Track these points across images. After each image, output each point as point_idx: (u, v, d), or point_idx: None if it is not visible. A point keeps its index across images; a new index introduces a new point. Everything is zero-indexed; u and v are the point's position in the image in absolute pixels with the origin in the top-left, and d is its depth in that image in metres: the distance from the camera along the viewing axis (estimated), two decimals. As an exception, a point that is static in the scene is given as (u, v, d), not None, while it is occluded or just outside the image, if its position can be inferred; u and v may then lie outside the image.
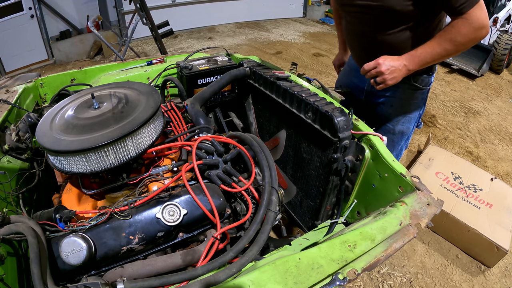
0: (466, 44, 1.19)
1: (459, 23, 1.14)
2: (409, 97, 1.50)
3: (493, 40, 4.97)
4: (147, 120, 1.01)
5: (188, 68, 1.65)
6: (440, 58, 1.23)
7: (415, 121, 1.59)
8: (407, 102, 1.52)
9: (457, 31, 1.15)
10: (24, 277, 0.89)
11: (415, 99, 1.51)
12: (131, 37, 4.34)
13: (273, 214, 0.97)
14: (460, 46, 1.19)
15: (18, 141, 1.21)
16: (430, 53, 1.21)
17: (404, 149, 1.69)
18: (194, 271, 0.82)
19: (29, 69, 5.31)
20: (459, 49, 1.20)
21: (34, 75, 1.69)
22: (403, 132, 1.59)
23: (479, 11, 1.12)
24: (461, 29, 1.14)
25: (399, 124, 1.57)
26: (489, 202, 2.28)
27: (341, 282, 0.71)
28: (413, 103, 1.52)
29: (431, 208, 0.92)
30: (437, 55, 1.22)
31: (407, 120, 1.56)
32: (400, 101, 1.52)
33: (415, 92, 1.49)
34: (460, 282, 2.04)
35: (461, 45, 1.18)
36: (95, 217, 0.91)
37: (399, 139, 1.61)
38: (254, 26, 7.23)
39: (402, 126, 1.57)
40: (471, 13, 1.11)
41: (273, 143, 1.61)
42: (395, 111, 1.55)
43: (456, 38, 1.16)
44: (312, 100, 1.23)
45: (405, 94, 1.49)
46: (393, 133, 1.59)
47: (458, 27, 1.15)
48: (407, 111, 1.54)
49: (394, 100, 1.53)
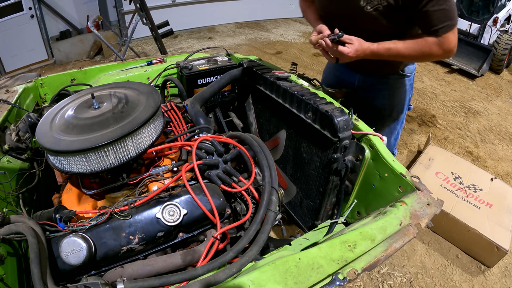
0: (429, 59, 1.31)
1: (432, 42, 1.22)
2: (399, 86, 1.61)
3: (493, 40, 4.97)
4: (147, 120, 1.01)
5: (188, 68, 1.65)
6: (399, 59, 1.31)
7: (407, 104, 1.70)
8: (398, 90, 1.62)
9: (429, 48, 1.23)
10: (24, 277, 0.89)
11: (405, 86, 1.62)
12: (131, 37, 4.34)
13: (273, 214, 0.97)
14: (423, 59, 1.31)
15: (18, 141, 1.21)
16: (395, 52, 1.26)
17: (400, 131, 1.82)
18: (194, 271, 0.82)
19: (29, 69, 5.30)
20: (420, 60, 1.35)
21: (34, 75, 1.69)
22: (399, 118, 1.70)
23: (452, 36, 1.19)
24: (432, 48, 1.22)
25: (394, 112, 1.67)
26: (489, 202, 2.28)
27: (341, 282, 0.71)
28: (403, 90, 1.63)
29: (431, 208, 0.92)
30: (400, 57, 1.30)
31: (401, 106, 1.67)
32: (392, 91, 1.61)
33: (404, 79, 1.60)
34: (460, 282, 2.04)
35: (425, 58, 1.30)
36: (95, 217, 0.91)
37: (396, 125, 1.73)
38: (254, 26, 7.23)
39: (397, 112, 1.68)
40: (445, 37, 1.19)
41: (273, 143, 1.61)
42: (389, 100, 1.64)
43: (424, 53, 1.24)
44: (312, 100, 1.23)
45: (396, 84, 1.60)
46: (391, 121, 1.70)
47: (430, 45, 1.22)
48: (400, 98, 1.64)
49: (386, 91, 1.62)
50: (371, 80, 1.61)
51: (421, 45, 1.23)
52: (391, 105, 1.65)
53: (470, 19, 5.28)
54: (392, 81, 1.58)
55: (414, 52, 1.25)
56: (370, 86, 1.62)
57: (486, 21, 5.02)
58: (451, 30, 1.18)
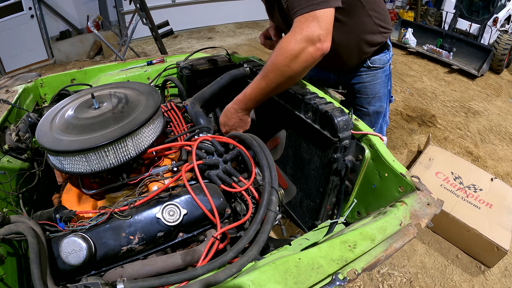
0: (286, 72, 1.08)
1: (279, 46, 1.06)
2: (372, 79, 1.58)
3: (493, 40, 4.98)
4: (147, 120, 1.01)
5: (188, 68, 1.65)
6: (268, 93, 1.15)
7: (386, 97, 1.67)
8: (372, 83, 1.59)
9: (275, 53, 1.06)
10: (24, 277, 0.89)
11: (379, 79, 1.58)
12: (131, 37, 4.34)
13: (273, 214, 0.97)
14: (281, 73, 1.08)
15: (18, 141, 1.21)
16: (257, 89, 1.13)
17: (385, 126, 1.77)
18: (194, 271, 0.82)
19: (29, 69, 5.31)
20: (282, 79, 1.09)
21: (34, 75, 1.69)
22: (378, 112, 1.67)
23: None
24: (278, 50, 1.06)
25: (371, 105, 1.64)
26: (489, 202, 2.28)
27: (341, 282, 0.71)
28: (378, 83, 1.59)
29: (431, 208, 0.92)
30: (262, 91, 1.14)
31: (377, 100, 1.64)
32: (365, 85, 1.59)
33: (377, 72, 1.56)
34: (460, 282, 2.04)
35: (281, 72, 1.08)
36: (95, 217, 0.91)
37: (376, 119, 1.69)
38: (254, 26, 7.23)
39: (374, 106, 1.65)
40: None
41: (273, 143, 1.61)
42: (363, 95, 1.62)
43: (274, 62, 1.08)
44: (312, 100, 1.23)
45: (368, 77, 1.57)
46: (369, 114, 1.67)
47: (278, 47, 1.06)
48: (375, 91, 1.61)
49: (360, 86, 1.60)
50: (345, 76, 1.62)
51: (270, 59, 1.06)
52: (367, 99, 1.64)
53: (470, 19, 5.29)
54: (365, 75, 1.57)
55: (272, 74, 1.07)
56: (345, 82, 1.62)
57: (486, 21, 5.03)
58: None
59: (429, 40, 5.51)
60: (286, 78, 1.08)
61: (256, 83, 1.14)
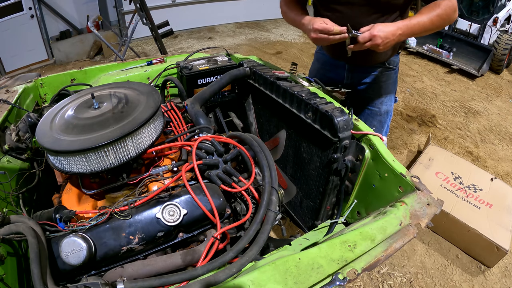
0: (446, 24, 1.34)
1: (443, 3, 1.28)
2: (386, 79, 1.65)
3: (493, 40, 4.97)
4: (147, 120, 1.01)
5: (188, 68, 1.65)
6: (425, 31, 1.33)
7: (394, 97, 1.75)
8: (385, 83, 1.66)
9: (443, 9, 1.28)
10: (24, 277, 0.89)
11: (391, 79, 1.67)
12: (131, 37, 4.34)
13: (273, 214, 0.97)
14: (443, 23, 1.32)
15: (18, 141, 1.21)
16: (422, 26, 1.29)
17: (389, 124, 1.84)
18: (194, 271, 0.82)
19: (29, 69, 5.30)
20: (441, 26, 1.33)
21: (34, 75, 1.69)
22: (388, 111, 1.73)
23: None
24: (447, 9, 1.28)
25: (383, 105, 1.70)
26: (489, 202, 2.28)
27: (341, 282, 0.71)
28: (390, 83, 1.67)
29: (431, 208, 0.92)
30: (424, 29, 1.31)
31: (388, 99, 1.71)
32: (379, 84, 1.66)
33: (390, 73, 1.65)
34: (460, 282, 2.04)
35: (444, 21, 1.31)
36: (95, 217, 0.91)
37: (385, 118, 1.75)
38: (254, 26, 7.23)
39: (386, 105, 1.71)
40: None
41: (273, 143, 1.61)
42: (377, 94, 1.68)
43: (442, 15, 1.29)
44: (312, 100, 1.23)
45: (382, 77, 1.64)
46: (380, 114, 1.72)
47: (445, 5, 1.28)
48: (387, 91, 1.68)
49: (374, 85, 1.65)
50: (359, 75, 1.64)
51: (435, 9, 1.27)
52: (380, 98, 1.69)
53: (470, 19, 5.28)
54: (380, 75, 1.63)
55: (435, 17, 1.28)
56: (359, 81, 1.66)
57: (486, 21, 5.02)
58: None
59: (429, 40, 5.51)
60: (443, 25, 1.34)
61: (420, 22, 1.29)
